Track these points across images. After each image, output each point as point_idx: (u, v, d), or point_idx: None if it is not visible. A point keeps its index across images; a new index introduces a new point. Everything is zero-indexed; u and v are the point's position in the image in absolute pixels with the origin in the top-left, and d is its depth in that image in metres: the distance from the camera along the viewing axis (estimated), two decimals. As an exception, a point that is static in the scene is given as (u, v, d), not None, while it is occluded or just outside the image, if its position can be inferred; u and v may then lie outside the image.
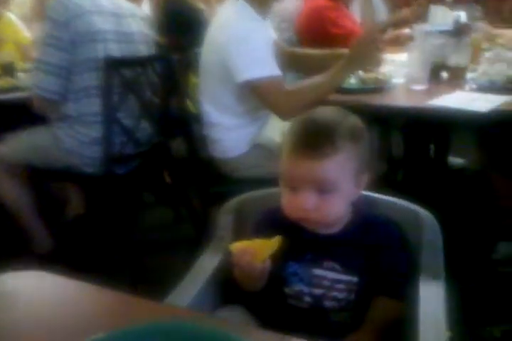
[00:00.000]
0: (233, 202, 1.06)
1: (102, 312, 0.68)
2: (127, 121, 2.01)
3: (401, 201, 1.00)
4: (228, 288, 0.94)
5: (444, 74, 2.10)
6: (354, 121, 0.94)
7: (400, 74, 2.08)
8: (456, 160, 2.80)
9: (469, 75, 2.02)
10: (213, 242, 1.01)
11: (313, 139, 0.88)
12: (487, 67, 1.96)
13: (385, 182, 0.94)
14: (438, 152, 2.65)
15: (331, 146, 0.87)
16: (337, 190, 0.88)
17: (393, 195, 1.04)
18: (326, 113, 0.94)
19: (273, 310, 0.94)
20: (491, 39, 2.55)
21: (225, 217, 1.04)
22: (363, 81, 1.98)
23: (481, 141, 2.37)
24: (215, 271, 0.94)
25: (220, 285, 0.95)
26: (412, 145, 2.61)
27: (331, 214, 0.91)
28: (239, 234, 1.02)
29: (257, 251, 0.85)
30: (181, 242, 2.24)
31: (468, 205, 2.20)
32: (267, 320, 0.92)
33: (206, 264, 0.95)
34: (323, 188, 0.88)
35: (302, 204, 0.88)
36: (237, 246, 0.86)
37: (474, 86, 1.90)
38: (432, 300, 0.80)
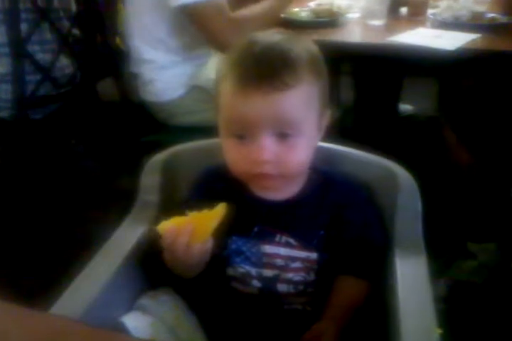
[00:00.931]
0: (161, 158, 0.84)
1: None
2: (42, 56, 1.70)
3: (371, 156, 0.81)
4: (154, 267, 0.75)
5: (403, 10, 1.90)
6: (310, 45, 0.73)
7: (356, 8, 1.87)
8: (405, 107, 2.69)
9: (430, 11, 1.84)
10: (135, 210, 0.80)
11: (268, 66, 0.65)
12: (451, 2, 1.78)
13: (335, 130, 0.81)
14: (389, 98, 2.52)
15: (292, 74, 0.65)
16: (301, 132, 0.68)
17: (345, 144, 0.85)
18: (273, 35, 0.71)
19: (212, 295, 0.75)
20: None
21: (150, 176, 0.81)
22: (315, 13, 1.75)
23: (441, 85, 2.24)
24: (137, 246, 0.73)
25: (144, 264, 0.75)
26: (363, 90, 2.45)
27: (297, 165, 0.70)
28: (169, 199, 0.81)
29: (196, 229, 0.65)
30: (114, 197, 2.01)
31: (419, 155, 2.09)
32: (204, 309, 0.73)
33: (125, 238, 0.74)
34: (284, 131, 0.67)
35: (260, 155, 0.66)
36: (168, 226, 0.65)
37: (436, 22, 1.72)
38: (413, 282, 0.64)
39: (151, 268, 0.75)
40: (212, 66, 1.65)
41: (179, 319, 0.71)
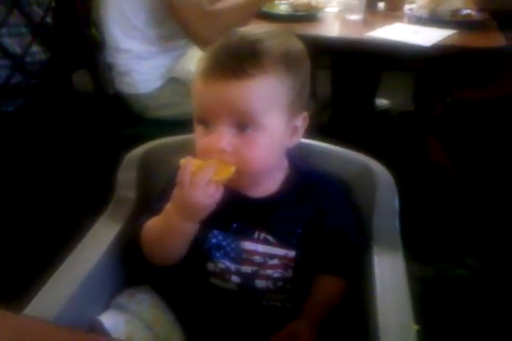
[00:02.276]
0: (138, 153, 0.82)
1: None
2: (12, 44, 1.65)
3: (348, 151, 0.81)
4: (132, 263, 0.74)
5: (381, 5, 1.92)
6: (293, 42, 0.72)
7: (335, 2, 1.87)
8: (380, 101, 2.71)
9: (407, 6, 1.86)
10: (111, 206, 0.78)
11: (234, 55, 0.66)
12: (427, -2, 1.80)
13: (311, 124, 0.80)
14: (366, 93, 2.53)
15: (255, 64, 0.65)
16: (262, 126, 0.67)
17: (321, 139, 0.86)
18: (257, 29, 0.72)
19: (191, 292, 0.74)
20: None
21: (127, 172, 0.80)
22: (293, 7, 1.75)
23: (417, 79, 2.26)
24: (114, 243, 0.72)
25: (121, 262, 0.74)
26: (340, 85, 2.46)
27: (255, 161, 0.68)
28: (147, 194, 0.80)
29: (218, 168, 0.66)
30: (90, 191, 1.96)
31: (394, 150, 2.11)
32: (182, 305, 0.73)
33: (101, 235, 0.73)
34: (243, 121, 0.66)
35: (215, 143, 0.66)
36: (192, 162, 0.66)
37: (414, 18, 1.73)
38: (390, 279, 0.64)
39: (129, 264, 0.74)
40: (191, 58, 1.64)
41: (157, 317, 0.70)
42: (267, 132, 0.68)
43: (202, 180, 0.65)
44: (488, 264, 1.45)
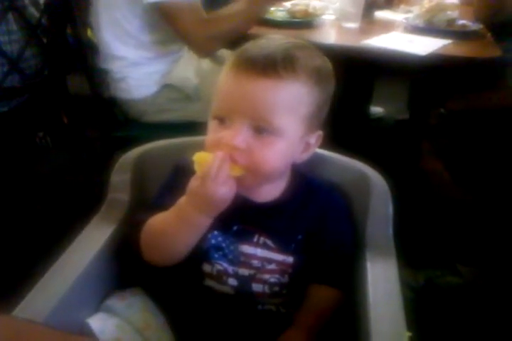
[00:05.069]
0: (131, 156, 0.82)
1: None
2: (8, 47, 1.65)
3: (344, 158, 0.82)
4: (126, 265, 0.73)
5: (377, 13, 1.93)
6: (323, 60, 0.72)
7: (331, 9, 1.88)
8: (375, 109, 2.73)
9: (403, 16, 1.87)
10: (104, 208, 0.78)
11: (268, 54, 0.66)
12: (423, 8, 1.81)
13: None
14: (360, 100, 2.54)
15: (288, 68, 0.65)
16: (278, 131, 0.66)
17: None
18: (290, 38, 0.72)
19: (184, 295, 0.73)
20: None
21: (120, 174, 0.80)
22: (290, 14, 1.75)
23: (412, 88, 2.27)
24: (105, 245, 0.71)
25: (112, 264, 0.73)
26: (335, 92, 2.46)
27: (264, 164, 0.67)
28: (139, 197, 0.80)
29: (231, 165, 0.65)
30: (83, 192, 1.95)
31: (388, 158, 2.12)
32: (175, 309, 0.72)
33: (93, 237, 0.72)
34: (261, 124, 0.66)
35: (229, 138, 0.65)
36: (209, 156, 0.65)
37: (409, 27, 1.74)
38: (383, 286, 0.64)
39: (121, 266, 0.74)
40: (185, 65, 1.63)
41: (147, 321, 0.69)
42: (282, 139, 0.67)
43: (223, 174, 0.64)
44: (479, 272, 1.45)
